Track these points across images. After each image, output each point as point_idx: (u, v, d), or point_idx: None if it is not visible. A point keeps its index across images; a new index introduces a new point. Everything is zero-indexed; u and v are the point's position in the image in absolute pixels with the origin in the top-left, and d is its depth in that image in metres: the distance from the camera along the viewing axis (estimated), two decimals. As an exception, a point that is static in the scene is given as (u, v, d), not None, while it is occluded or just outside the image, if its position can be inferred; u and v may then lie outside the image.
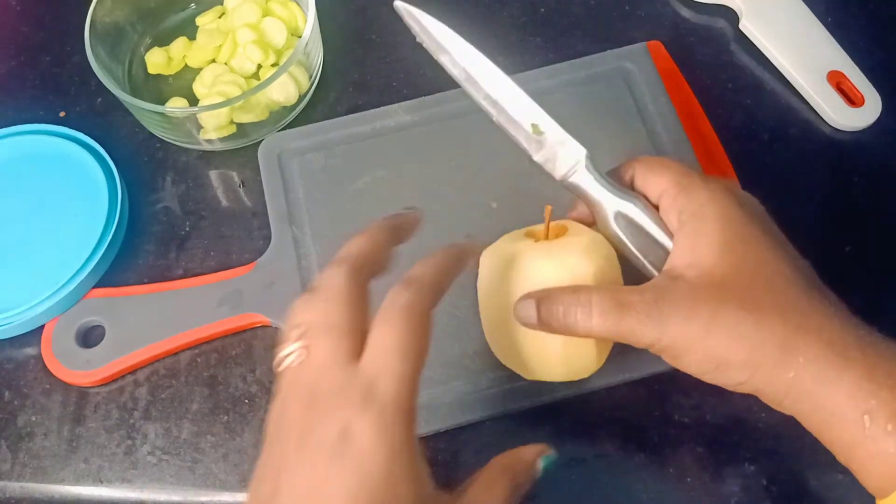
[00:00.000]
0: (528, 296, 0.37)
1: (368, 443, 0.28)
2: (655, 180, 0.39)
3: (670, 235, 0.39)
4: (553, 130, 0.41)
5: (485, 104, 0.42)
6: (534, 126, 0.42)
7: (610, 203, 0.40)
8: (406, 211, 0.39)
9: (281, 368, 0.32)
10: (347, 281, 0.32)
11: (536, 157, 0.41)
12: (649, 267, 0.40)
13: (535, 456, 0.36)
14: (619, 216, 0.40)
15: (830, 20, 0.57)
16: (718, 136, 0.53)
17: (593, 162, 0.41)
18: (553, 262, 0.39)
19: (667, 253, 0.39)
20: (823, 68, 0.55)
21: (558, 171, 0.41)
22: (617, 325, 0.35)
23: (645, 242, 0.40)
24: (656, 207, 0.40)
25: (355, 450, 0.28)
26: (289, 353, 0.31)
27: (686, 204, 0.38)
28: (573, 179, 0.41)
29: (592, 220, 0.41)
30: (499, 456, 0.36)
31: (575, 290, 0.37)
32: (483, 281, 0.42)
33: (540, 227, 0.42)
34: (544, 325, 0.37)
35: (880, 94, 0.54)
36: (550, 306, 0.37)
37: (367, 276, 0.34)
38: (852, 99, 0.54)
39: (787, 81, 0.56)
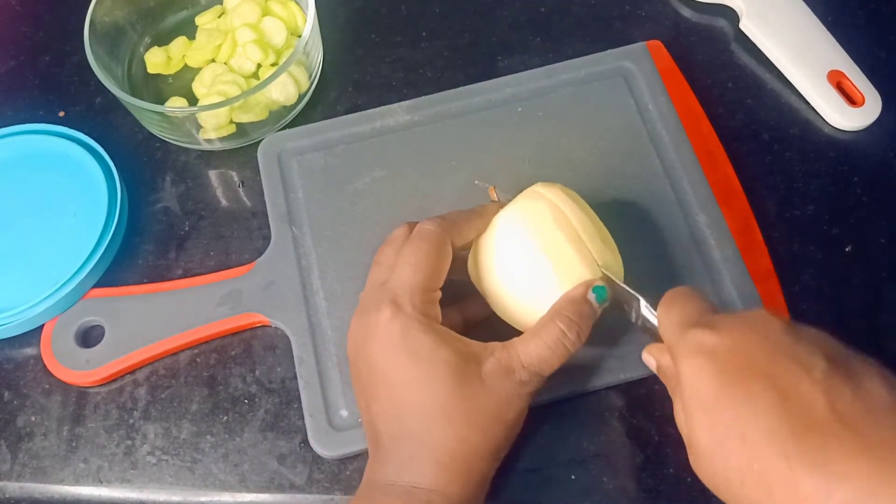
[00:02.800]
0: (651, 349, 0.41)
1: (402, 332, 0.39)
2: (662, 332, 0.39)
3: None
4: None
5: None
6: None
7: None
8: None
9: None
10: (406, 231, 0.44)
11: (635, 321, 0.42)
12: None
13: (584, 291, 0.41)
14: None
15: (830, 20, 0.57)
16: (719, 135, 0.53)
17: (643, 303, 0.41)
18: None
19: None
20: (823, 68, 0.55)
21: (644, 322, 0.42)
22: None
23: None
24: None
25: (396, 339, 0.39)
26: None
27: (674, 374, 0.37)
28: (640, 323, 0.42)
29: None
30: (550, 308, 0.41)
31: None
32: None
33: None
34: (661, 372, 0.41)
35: (880, 94, 0.54)
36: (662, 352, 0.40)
37: (450, 236, 0.42)
38: (852, 98, 0.54)
39: (788, 81, 0.56)
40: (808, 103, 0.55)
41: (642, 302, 0.41)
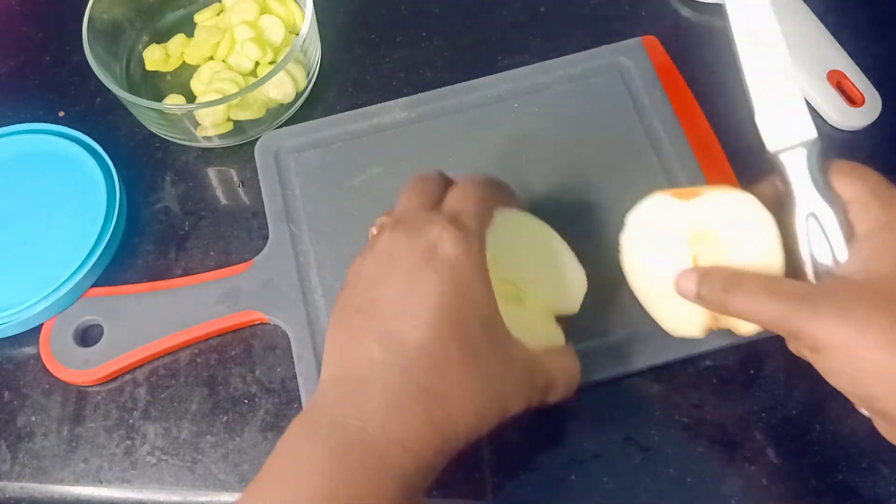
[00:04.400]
0: (690, 270, 0.39)
1: (454, 252, 0.34)
2: (849, 184, 0.38)
3: (847, 245, 0.38)
4: (792, 97, 0.39)
5: (742, 46, 0.40)
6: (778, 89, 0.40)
7: (810, 201, 0.38)
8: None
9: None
10: (439, 175, 0.41)
11: (759, 119, 0.40)
12: (809, 270, 0.39)
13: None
14: (811, 216, 0.38)
15: (830, 20, 0.57)
16: (718, 135, 0.53)
17: (816, 150, 0.39)
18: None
19: (833, 265, 0.38)
20: (823, 68, 0.55)
21: (776, 143, 0.39)
22: (769, 308, 0.36)
23: (819, 248, 0.38)
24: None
25: (444, 256, 0.34)
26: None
27: (879, 214, 0.37)
28: (786, 157, 0.39)
29: (771, 204, 0.40)
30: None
31: (733, 271, 0.38)
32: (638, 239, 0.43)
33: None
34: (701, 299, 0.38)
35: (880, 94, 0.54)
36: (709, 282, 0.38)
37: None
38: (852, 98, 0.54)
39: (787, 81, 0.56)
40: (807, 103, 0.55)
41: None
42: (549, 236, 0.44)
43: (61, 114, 0.58)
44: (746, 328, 0.40)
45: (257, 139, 0.55)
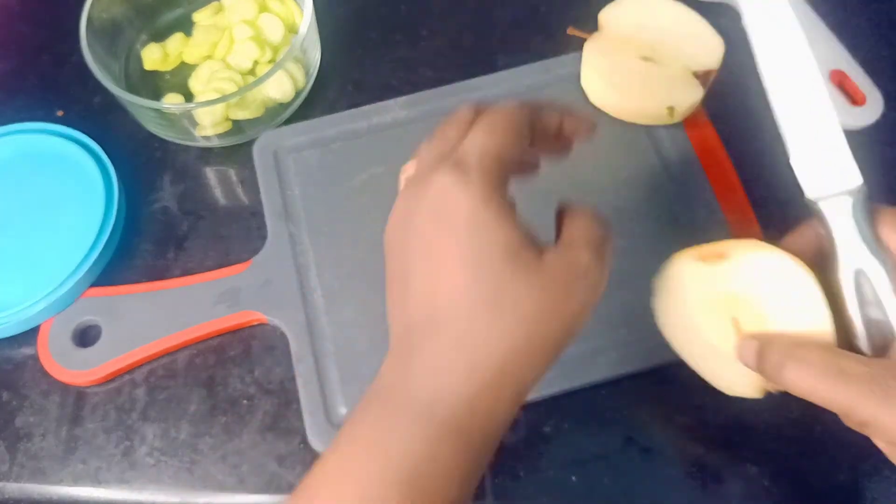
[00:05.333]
0: (753, 337, 0.36)
1: (456, 198, 0.33)
2: None
3: None
4: (834, 139, 0.36)
5: (772, 83, 0.38)
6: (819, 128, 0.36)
7: (857, 255, 0.34)
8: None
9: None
10: (472, 110, 0.36)
11: (794, 161, 0.36)
12: (861, 336, 0.35)
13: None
14: (860, 273, 0.34)
15: (832, 19, 0.57)
16: (719, 136, 0.53)
17: (862, 198, 0.35)
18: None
19: (890, 328, 0.34)
20: (825, 67, 0.55)
21: (815, 189, 0.36)
22: (833, 392, 0.32)
23: (869, 310, 0.35)
24: None
25: (448, 208, 0.33)
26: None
27: None
28: (827, 206, 0.35)
29: (811, 254, 0.36)
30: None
31: (793, 341, 0.34)
32: (680, 298, 0.40)
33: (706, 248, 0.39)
34: (761, 370, 0.35)
35: (882, 93, 0.54)
36: (769, 355, 0.35)
37: (531, 115, 0.36)
38: (854, 98, 0.54)
39: (789, 80, 0.56)
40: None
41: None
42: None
43: (60, 113, 0.58)
44: None
45: (256, 139, 0.55)
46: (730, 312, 0.38)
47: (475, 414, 0.32)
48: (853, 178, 0.35)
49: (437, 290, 0.33)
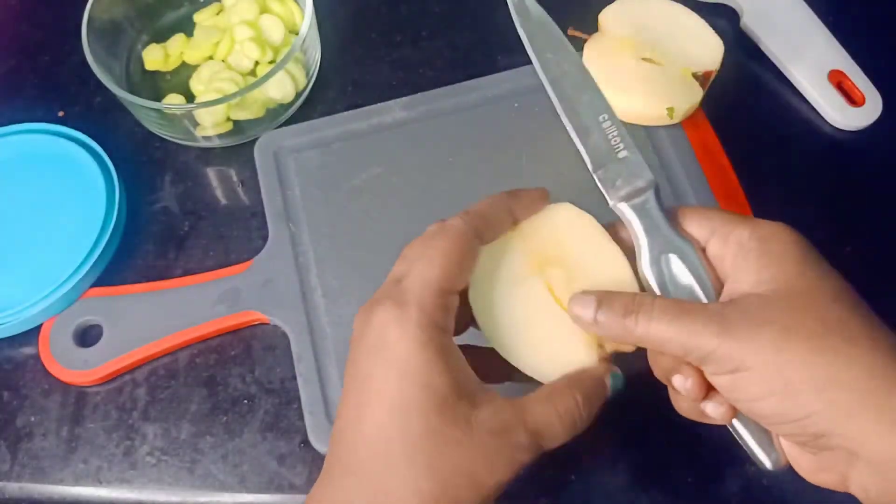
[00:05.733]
0: (587, 293, 0.35)
1: (395, 337, 0.33)
2: (703, 222, 0.36)
3: (717, 285, 0.35)
4: (625, 148, 0.38)
5: (560, 105, 0.39)
6: (606, 138, 0.38)
7: (660, 243, 0.36)
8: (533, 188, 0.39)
9: None
10: (439, 229, 0.36)
11: (598, 172, 0.38)
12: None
13: (604, 372, 0.36)
14: (664, 259, 0.36)
15: (831, 19, 0.57)
16: (719, 136, 0.53)
17: (657, 195, 0.37)
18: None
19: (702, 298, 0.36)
20: (824, 68, 0.55)
21: (616, 194, 0.37)
22: (677, 327, 0.33)
23: (683, 291, 0.36)
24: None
25: (385, 345, 0.33)
26: None
27: (751, 233, 0.34)
28: (627, 207, 0.37)
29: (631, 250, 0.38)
30: (566, 375, 0.36)
31: (636, 293, 0.35)
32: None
33: None
34: (599, 324, 0.35)
35: (881, 94, 0.54)
36: (610, 305, 0.35)
37: (476, 231, 0.36)
38: (853, 98, 0.54)
39: (788, 81, 0.56)
40: (808, 103, 0.55)
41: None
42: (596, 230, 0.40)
43: (61, 113, 0.58)
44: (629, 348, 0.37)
45: (257, 139, 0.55)
46: (542, 277, 0.37)
47: None
48: (647, 178, 0.37)
49: (362, 428, 0.33)
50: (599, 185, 0.38)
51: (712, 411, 0.35)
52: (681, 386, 0.35)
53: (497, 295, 0.37)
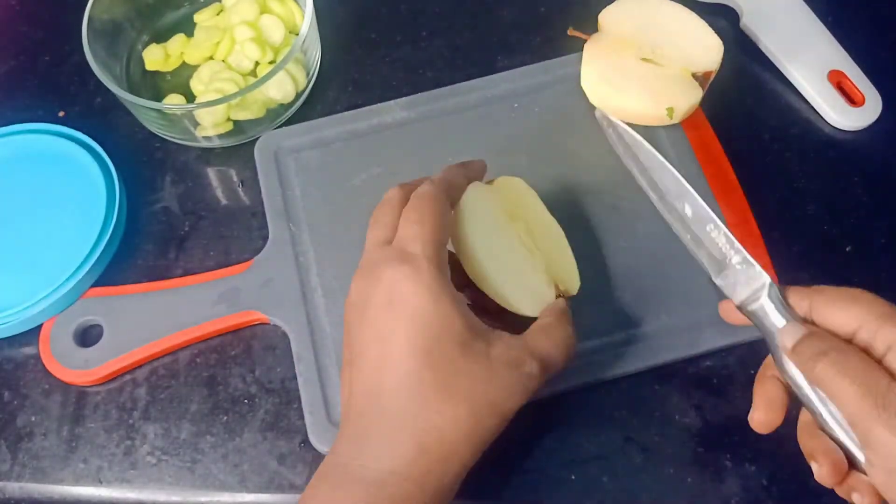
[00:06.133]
0: (795, 326, 0.37)
1: (410, 291, 0.36)
2: (844, 314, 0.36)
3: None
4: (738, 253, 0.40)
5: (669, 217, 0.44)
6: (719, 248, 0.41)
7: (790, 338, 0.37)
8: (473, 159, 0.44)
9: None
10: (399, 192, 0.41)
11: (717, 280, 0.40)
12: (826, 417, 0.36)
13: (567, 305, 0.41)
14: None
15: (831, 19, 0.57)
16: (719, 136, 0.53)
17: (776, 291, 0.38)
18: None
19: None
20: (824, 68, 0.55)
21: (738, 296, 0.39)
22: (849, 394, 0.33)
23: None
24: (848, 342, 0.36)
25: (401, 299, 0.36)
26: None
27: None
28: (753, 307, 0.39)
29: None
30: (546, 309, 0.41)
31: (834, 344, 0.35)
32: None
33: None
34: (796, 354, 0.36)
35: (881, 94, 0.54)
36: (808, 345, 0.36)
37: (446, 193, 0.40)
38: (853, 98, 0.54)
39: (788, 81, 0.56)
40: (808, 103, 0.55)
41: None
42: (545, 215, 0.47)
43: (61, 113, 0.58)
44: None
45: (257, 139, 0.55)
46: (514, 227, 0.43)
47: (424, 491, 0.35)
48: (762, 278, 0.39)
49: (386, 374, 0.36)
50: (723, 290, 0.40)
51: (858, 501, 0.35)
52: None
53: (482, 239, 0.41)
